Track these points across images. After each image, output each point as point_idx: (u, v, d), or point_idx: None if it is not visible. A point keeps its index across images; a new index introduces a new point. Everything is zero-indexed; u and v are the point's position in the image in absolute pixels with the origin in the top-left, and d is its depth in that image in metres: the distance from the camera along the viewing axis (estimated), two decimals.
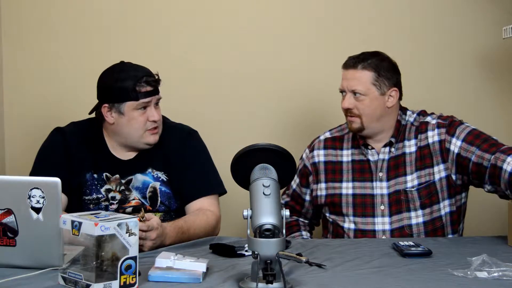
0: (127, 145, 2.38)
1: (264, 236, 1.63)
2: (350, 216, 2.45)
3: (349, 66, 2.42)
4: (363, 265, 1.93)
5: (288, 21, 3.16)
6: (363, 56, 2.42)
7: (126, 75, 2.30)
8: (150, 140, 2.35)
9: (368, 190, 2.44)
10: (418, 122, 2.46)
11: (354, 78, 2.40)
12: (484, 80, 3.13)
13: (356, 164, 2.48)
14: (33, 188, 1.77)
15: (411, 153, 2.43)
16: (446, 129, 2.39)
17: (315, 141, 2.60)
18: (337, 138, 2.56)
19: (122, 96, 2.29)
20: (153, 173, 2.39)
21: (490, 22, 3.07)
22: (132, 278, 1.65)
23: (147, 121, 2.32)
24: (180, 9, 3.16)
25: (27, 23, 3.17)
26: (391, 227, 2.41)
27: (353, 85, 2.40)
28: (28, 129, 3.15)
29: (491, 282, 1.75)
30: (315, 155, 2.55)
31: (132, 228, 1.65)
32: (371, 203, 2.43)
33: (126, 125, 2.32)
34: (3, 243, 1.81)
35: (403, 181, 2.42)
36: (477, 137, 2.33)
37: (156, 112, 2.34)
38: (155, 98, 2.34)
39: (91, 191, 2.37)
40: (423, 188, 2.40)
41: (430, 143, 2.41)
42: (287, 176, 1.81)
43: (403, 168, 2.43)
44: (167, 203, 2.39)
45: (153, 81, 2.32)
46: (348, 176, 2.48)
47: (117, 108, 2.31)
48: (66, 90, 3.16)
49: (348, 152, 2.51)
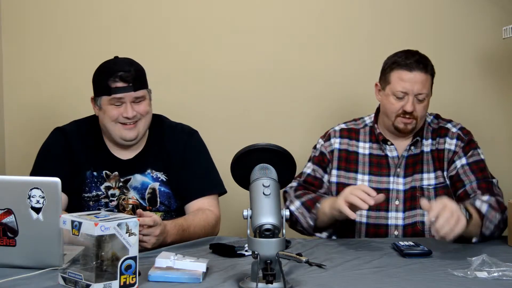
0: (113, 140, 2.37)
1: (264, 236, 1.64)
2: (365, 209, 2.41)
3: (416, 68, 2.36)
4: (363, 265, 1.93)
5: (288, 20, 3.16)
6: (421, 58, 2.39)
7: (105, 70, 2.33)
8: (125, 135, 2.33)
9: (384, 184, 2.44)
10: (436, 125, 2.48)
11: (421, 82, 2.36)
12: (484, 80, 3.13)
13: (374, 158, 2.48)
14: (33, 188, 1.77)
15: (427, 152, 2.45)
16: (463, 145, 2.42)
17: (329, 131, 2.57)
18: (353, 130, 2.54)
19: (99, 90, 2.33)
20: (152, 173, 2.39)
21: (490, 22, 3.07)
22: (132, 278, 1.65)
23: (120, 116, 2.31)
24: (180, 9, 3.16)
25: (27, 23, 3.17)
26: (404, 222, 2.40)
27: (420, 89, 2.36)
28: (28, 129, 3.15)
29: (491, 282, 1.75)
30: (332, 143, 2.52)
31: (132, 228, 1.65)
32: (386, 197, 2.41)
33: (103, 118, 2.34)
34: (3, 243, 1.81)
35: (420, 178, 2.43)
36: (481, 170, 2.38)
37: (132, 109, 2.30)
38: (130, 95, 2.29)
39: (91, 188, 2.37)
40: (440, 188, 2.41)
41: (446, 148, 2.43)
42: (287, 176, 1.81)
43: (421, 165, 2.44)
44: (167, 202, 2.39)
45: (128, 77, 2.28)
46: (364, 169, 2.47)
47: (97, 101, 2.34)
48: (66, 90, 3.16)
49: (365, 145, 2.50)
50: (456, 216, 1.98)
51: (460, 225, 1.99)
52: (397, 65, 2.39)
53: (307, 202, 2.37)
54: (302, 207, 2.37)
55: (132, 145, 2.38)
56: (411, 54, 2.40)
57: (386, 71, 2.44)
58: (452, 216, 1.98)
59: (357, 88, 3.10)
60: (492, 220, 2.21)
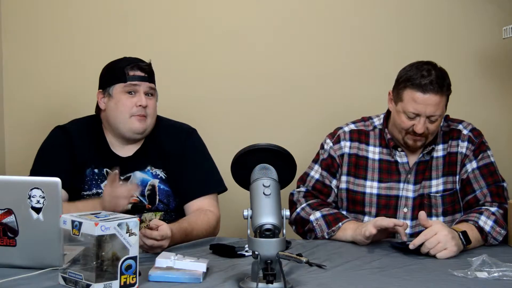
0: (118, 133, 2.38)
1: (264, 236, 1.64)
2: (372, 217, 2.39)
3: (429, 91, 2.25)
4: (363, 266, 1.94)
5: (288, 20, 3.16)
6: (437, 78, 2.27)
7: (120, 63, 2.37)
8: (136, 126, 2.34)
9: (394, 191, 2.40)
10: (447, 128, 2.43)
11: (435, 104, 2.27)
12: (484, 80, 3.13)
13: (384, 163, 2.43)
14: (33, 188, 1.77)
15: (438, 157, 2.40)
16: (474, 147, 2.38)
17: (338, 131, 2.50)
18: (362, 132, 2.48)
19: (112, 79, 2.35)
20: (152, 170, 2.39)
21: (490, 22, 3.07)
22: (132, 278, 1.65)
23: (134, 106, 2.33)
24: (180, 9, 3.16)
25: (27, 23, 3.17)
26: (412, 230, 2.36)
27: (433, 111, 2.27)
28: (28, 129, 3.15)
29: (491, 282, 1.75)
30: (342, 146, 2.46)
31: (132, 228, 1.65)
32: (395, 204, 2.39)
33: (113, 108, 2.34)
34: (3, 243, 1.81)
35: (428, 185, 2.39)
36: (491, 174, 2.36)
37: (146, 100, 2.33)
38: (146, 85, 2.34)
39: (91, 186, 2.37)
40: (448, 195, 2.38)
41: (459, 151, 2.39)
42: (287, 176, 1.81)
43: (429, 172, 2.40)
44: (165, 201, 2.39)
45: (145, 65, 2.36)
46: (373, 175, 2.43)
47: (107, 91, 2.35)
48: (67, 90, 3.16)
49: (376, 150, 2.45)
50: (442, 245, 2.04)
51: (446, 252, 2.03)
52: (411, 84, 2.28)
53: (329, 217, 2.33)
54: (322, 220, 2.33)
55: (138, 140, 2.39)
56: (427, 72, 2.28)
57: (400, 85, 2.33)
58: (438, 244, 2.04)
59: (357, 89, 3.10)
60: (495, 237, 2.20)
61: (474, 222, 2.19)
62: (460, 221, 2.25)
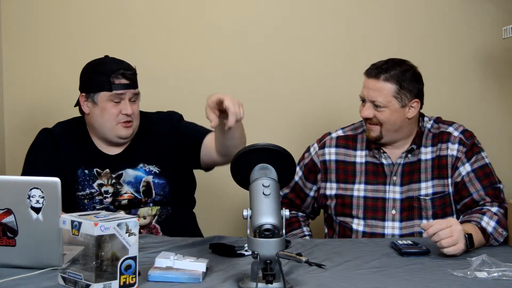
0: (103, 137, 2.39)
1: (264, 236, 1.63)
2: (360, 219, 2.41)
3: (371, 75, 2.35)
4: (363, 265, 1.93)
5: (288, 20, 3.16)
6: (386, 66, 2.35)
7: (104, 67, 2.35)
8: (122, 133, 2.36)
9: (380, 193, 2.40)
10: (436, 129, 2.42)
11: (375, 89, 2.33)
12: (484, 80, 3.13)
13: (370, 166, 2.43)
14: (33, 188, 1.77)
15: (426, 160, 2.40)
16: (466, 149, 2.36)
17: (326, 137, 2.52)
18: (350, 137, 2.49)
19: (97, 86, 2.33)
20: (145, 167, 2.40)
21: (490, 22, 3.07)
22: (131, 278, 1.65)
23: (119, 113, 2.33)
24: (180, 9, 3.16)
25: (27, 23, 3.17)
26: (400, 232, 2.37)
27: (373, 96, 2.34)
28: (28, 129, 3.14)
29: (491, 282, 1.75)
30: (326, 153, 2.48)
31: (132, 228, 1.65)
32: (382, 206, 2.39)
33: (99, 115, 2.34)
34: (3, 243, 1.81)
35: (417, 188, 2.38)
36: (487, 176, 2.34)
37: (131, 107, 2.34)
38: (130, 92, 2.34)
39: (84, 186, 2.38)
40: (438, 198, 2.37)
41: (449, 154, 2.37)
42: (287, 176, 1.81)
43: (418, 174, 2.39)
44: (162, 192, 2.41)
45: (130, 74, 2.34)
46: (360, 178, 2.43)
47: (91, 98, 2.34)
48: (67, 90, 3.13)
49: (362, 153, 2.46)
50: (455, 239, 2.00)
51: (454, 248, 2.00)
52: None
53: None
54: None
55: (124, 143, 2.40)
56: (382, 62, 2.38)
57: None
58: (452, 237, 2.00)
59: (358, 89, 3.09)
60: (497, 239, 2.18)
61: (477, 223, 2.18)
62: (463, 221, 2.23)
